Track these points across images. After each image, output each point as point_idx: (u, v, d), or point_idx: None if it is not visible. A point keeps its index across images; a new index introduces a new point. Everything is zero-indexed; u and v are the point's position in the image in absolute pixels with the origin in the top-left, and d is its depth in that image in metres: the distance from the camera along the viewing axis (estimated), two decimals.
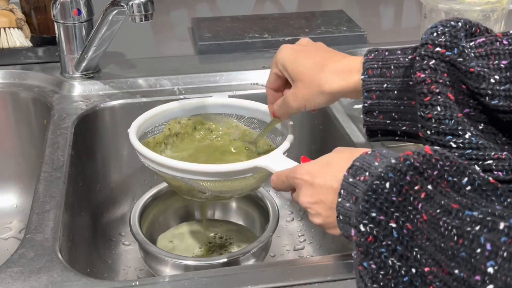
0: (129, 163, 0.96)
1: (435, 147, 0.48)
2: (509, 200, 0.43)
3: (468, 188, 0.44)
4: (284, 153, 0.67)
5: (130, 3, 0.79)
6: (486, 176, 0.44)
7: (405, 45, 0.61)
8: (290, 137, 0.70)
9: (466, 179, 0.44)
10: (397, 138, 0.63)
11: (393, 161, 0.46)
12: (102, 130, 0.93)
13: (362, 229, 0.45)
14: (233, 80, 0.99)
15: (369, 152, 0.52)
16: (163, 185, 0.86)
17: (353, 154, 0.53)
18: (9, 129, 0.99)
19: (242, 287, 0.57)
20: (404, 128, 0.60)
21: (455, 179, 0.44)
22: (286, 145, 0.68)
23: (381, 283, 0.44)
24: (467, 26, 0.56)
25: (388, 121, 0.61)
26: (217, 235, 0.87)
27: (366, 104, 0.61)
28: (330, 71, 0.62)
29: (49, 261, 0.60)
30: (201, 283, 0.57)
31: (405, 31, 1.29)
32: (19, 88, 0.98)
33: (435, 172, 0.44)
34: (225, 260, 0.72)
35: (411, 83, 0.57)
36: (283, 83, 0.68)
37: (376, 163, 0.50)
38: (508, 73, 0.51)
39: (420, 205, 0.43)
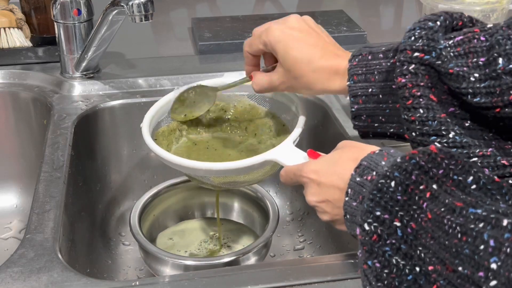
0: (129, 163, 0.96)
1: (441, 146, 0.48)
2: None
3: (473, 186, 0.44)
4: (294, 142, 0.66)
5: (130, 3, 0.79)
6: (491, 175, 0.44)
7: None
8: (299, 127, 0.69)
9: (471, 177, 0.44)
10: (387, 138, 0.64)
11: (399, 160, 0.46)
12: (102, 130, 0.93)
13: (367, 228, 0.45)
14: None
15: (377, 152, 0.52)
16: (163, 185, 0.86)
17: (359, 152, 0.53)
18: (9, 129, 0.99)
19: (242, 287, 0.57)
20: (392, 130, 0.61)
21: (460, 178, 0.44)
22: (295, 133, 0.68)
23: (385, 282, 0.44)
24: (447, 22, 0.56)
25: (376, 124, 0.62)
26: (217, 234, 0.87)
27: (353, 109, 0.62)
28: (317, 70, 0.63)
29: (49, 261, 0.60)
30: (201, 283, 0.57)
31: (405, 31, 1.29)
32: (19, 88, 0.98)
33: (441, 171, 0.45)
34: (225, 260, 0.72)
35: (394, 86, 0.58)
36: (265, 52, 0.68)
37: (383, 163, 0.50)
38: (487, 70, 0.51)
39: (425, 204, 0.43)
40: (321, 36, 0.65)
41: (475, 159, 0.53)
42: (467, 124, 0.54)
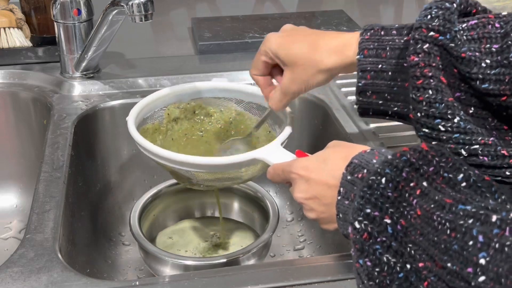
0: (129, 163, 0.96)
1: (432, 144, 0.48)
2: (503, 197, 0.43)
3: (463, 184, 0.44)
4: (282, 144, 0.67)
5: (130, 3, 0.79)
6: (481, 173, 0.45)
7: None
8: (288, 129, 0.70)
9: (461, 175, 0.45)
10: (387, 117, 0.63)
11: (389, 157, 0.46)
12: (102, 130, 0.93)
13: (357, 226, 0.45)
14: (233, 80, 0.99)
15: (368, 151, 0.52)
16: (163, 185, 0.86)
17: (349, 151, 0.53)
18: (9, 129, 0.99)
19: (242, 287, 0.57)
20: (395, 109, 0.61)
21: (450, 175, 0.45)
22: (284, 136, 0.68)
23: (377, 280, 0.44)
24: (462, 6, 0.56)
25: (380, 102, 0.62)
26: (217, 233, 0.87)
27: (360, 84, 0.62)
28: (325, 50, 0.62)
29: (49, 261, 0.60)
30: (201, 283, 0.57)
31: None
32: (19, 88, 0.98)
33: (431, 168, 0.45)
34: (225, 260, 0.72)
35: (405, 65, 0.57)
36: (271, 68, 0.68)
37: (374, 161, 0.50)
38: (499, 57, 0.51)
39: (415, 201, 0.43)
40: (316, 30, 0.66)
41: (476, 146, 0.53)
42: (470, 111, 0.54)
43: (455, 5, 0.55)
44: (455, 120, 0.53)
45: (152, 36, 1.24)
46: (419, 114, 0.55)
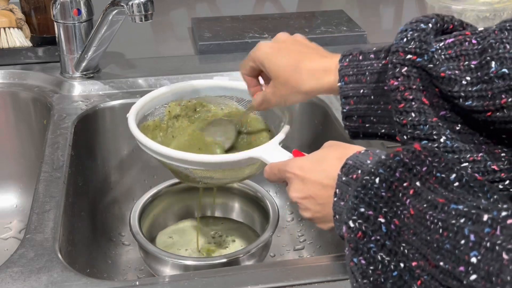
0: (129, 163, 0.96)
1: (425, 144, 0.48)
2: (495, 196, 0.44)
3: (456, 184, 0.45)
4: (280, 143, 0.67)
5: (130, 3, 0.79)
6: (473, 173, 0.45)
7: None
8: (286, 128, 0.70)
9: (454, 175, 0.45)
10: (377, 138, 0.63)
11: (383, 157, 0.47)
12: (102, 130, 0.93)
13: (352, 225, 0.46)
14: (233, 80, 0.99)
15: (362, 152, 0.53)
16: (163, 185, 0.86)
17: (345, 151, 0.54)
18: (9, 129, 0.99)
19: (242, 287, 0.57)
20: (383, 130, 0.61)
21: (443, 175, 0.45)
22: (281, 135, 0.68)
23: (371, 278, 0.45)
24: (438, 25, 0.56)
25: (367, 125, 0.62)
26: (217, 233, 0.87)
27: (344, 110, 0.62)
28: (305, 72, 0.62)
29: (49, 261, 0.60)
30: (201, 283, 0.57)
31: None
32: (19, 88, 0.98)
33: (424, 168, 0.45)
34: (225, 260, 0.72)
35: (386, 88, 0.57)
36: (259, 71, 0.69)
37: (368, 161, 0.51)
38: (479, 73, 0.51)
39: (408, 200, 0.44)
40: (308, 45, 0.66)
41: (466, 164, 0.53)
42: (457, 128, 0.54)
43: (430, 25, 0.55)
44: (441, 140, 0.53)
45: (152, 36, 1.24)
46: (405, 137, 0.55)
